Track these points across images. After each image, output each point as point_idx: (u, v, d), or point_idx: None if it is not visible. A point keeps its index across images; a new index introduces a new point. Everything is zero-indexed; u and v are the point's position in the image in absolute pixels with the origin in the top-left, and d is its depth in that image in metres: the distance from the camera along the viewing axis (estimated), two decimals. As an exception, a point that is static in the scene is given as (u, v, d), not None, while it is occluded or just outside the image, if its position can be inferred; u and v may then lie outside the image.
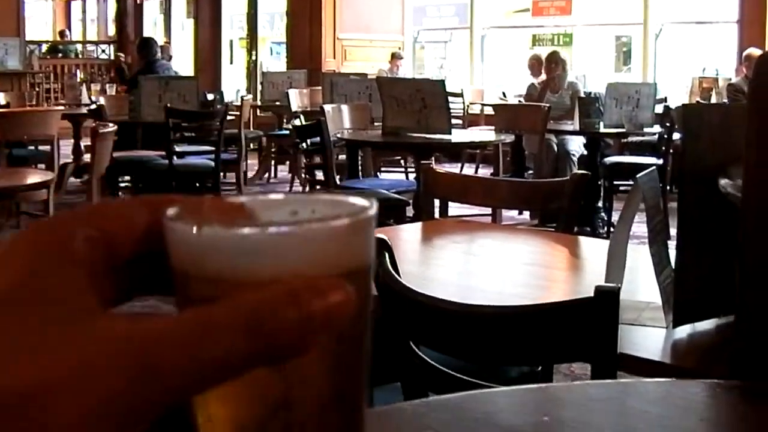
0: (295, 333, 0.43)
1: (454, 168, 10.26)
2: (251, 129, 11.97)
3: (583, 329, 1.68)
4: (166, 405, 0.42)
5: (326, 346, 0.47)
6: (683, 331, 1.94)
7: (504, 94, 13.03)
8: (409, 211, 6.81)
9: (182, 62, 16.98)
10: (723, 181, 1.77)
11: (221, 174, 8.81)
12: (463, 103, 13.00)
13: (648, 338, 1.97)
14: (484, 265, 2.82)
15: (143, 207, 0.50)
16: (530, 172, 9.01)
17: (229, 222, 0.48)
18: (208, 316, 0.43)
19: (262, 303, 0.43)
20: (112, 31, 21.72)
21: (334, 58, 15.87)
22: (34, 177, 5.97)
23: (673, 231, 2.08)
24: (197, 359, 0.42)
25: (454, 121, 7.95)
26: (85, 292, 0.45)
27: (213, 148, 8.42)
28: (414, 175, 9.46)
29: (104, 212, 0.49)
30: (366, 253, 0.49)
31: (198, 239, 0.47)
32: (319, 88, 10.71)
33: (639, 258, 2.34)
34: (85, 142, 9.63)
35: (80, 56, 20.69)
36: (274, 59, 18.58)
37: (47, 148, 7.84)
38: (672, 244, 2.04)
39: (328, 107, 7.47)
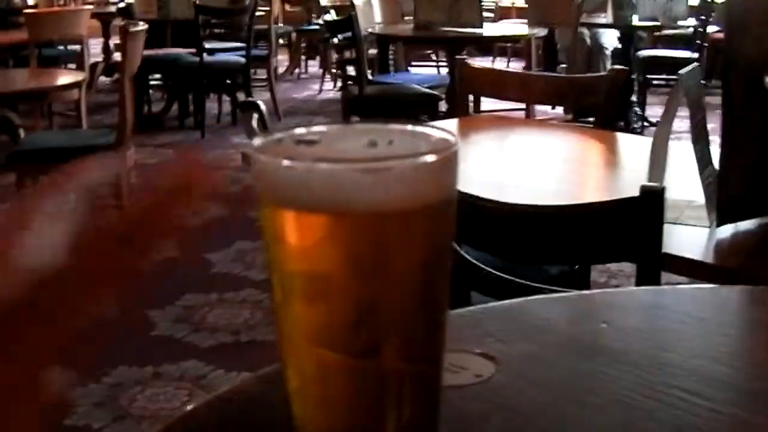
0: None
1: (485, 62, 10.17)
2: (281, 25, 11.86)
3: (628, 229, 1.67)
4: None
5: (415, 265, 0.48)
6: (726, 231, 1.92)
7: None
8: (442, 106, 6.79)
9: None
10: (770, 78, 1.75)
11: (252, 70, 8.77)
12: (495, -5, 12.81)
13: (690, 237, 1.96)
14: (522, 161, 2.80)
15: None
16: (563, 66, 8.91)
17: (318, 156, 0.50)
18: None
19: None
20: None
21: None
22: (64, 77, 5.95)
23: (709, 126, 2.04)
24: None
25: (485, 14, 7.84)
26: None
27: (243, 45, 8.37)
28: (445, 69, 9.39)
29: None
30: (451, 185, 0.52)
31: (291, 173, 0.48)
32: (348, -19, 10.55)
33: (678, 155, 2.32)
34: (114, 40, 9.59)
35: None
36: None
37: (77, 47, 7.82)
38: (712, 140, 2.02)
39: (358, 1, 7.39)
